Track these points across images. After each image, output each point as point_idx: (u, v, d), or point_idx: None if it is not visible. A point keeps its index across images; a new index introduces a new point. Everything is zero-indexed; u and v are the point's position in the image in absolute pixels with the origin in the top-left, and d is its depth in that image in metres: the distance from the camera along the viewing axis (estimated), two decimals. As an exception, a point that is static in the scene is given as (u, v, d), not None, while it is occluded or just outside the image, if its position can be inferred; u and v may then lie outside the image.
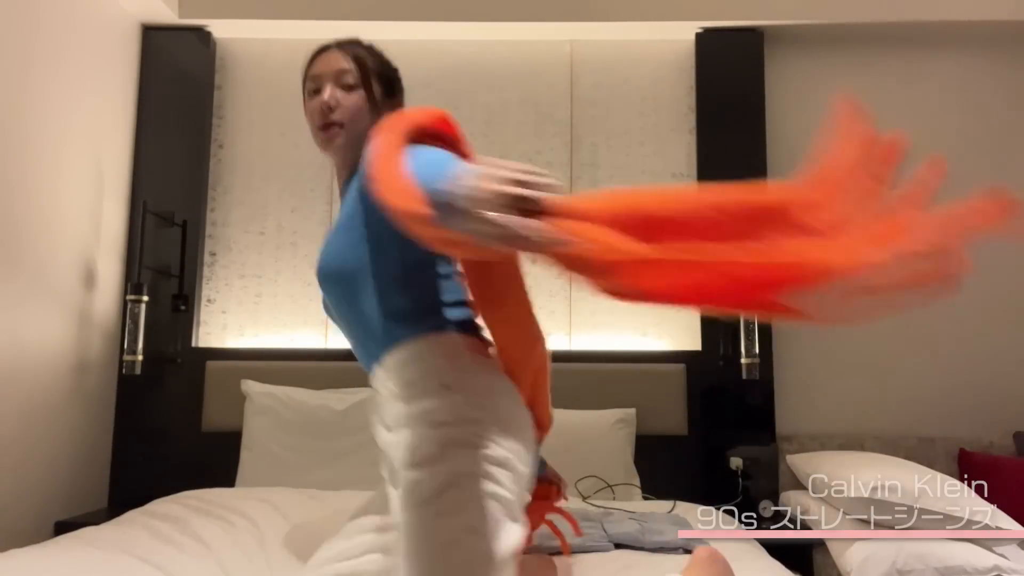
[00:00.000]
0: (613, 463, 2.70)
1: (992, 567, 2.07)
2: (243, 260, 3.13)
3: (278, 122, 3.16)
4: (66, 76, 2.64)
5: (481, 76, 3.20)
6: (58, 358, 2.61)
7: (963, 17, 3.02)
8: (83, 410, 2.77)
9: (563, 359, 2.97)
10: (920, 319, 3.06)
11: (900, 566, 2.08)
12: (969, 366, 3.03)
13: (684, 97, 3.16)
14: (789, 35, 3.17)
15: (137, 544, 1.83)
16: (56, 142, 2.58)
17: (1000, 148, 3.15)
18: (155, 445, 2.91)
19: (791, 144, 3.15)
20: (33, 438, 2.48)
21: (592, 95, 3.19)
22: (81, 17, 2.73)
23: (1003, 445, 2.93)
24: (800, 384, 3.03)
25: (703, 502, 2.49)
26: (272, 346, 3.05)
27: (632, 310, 3.07)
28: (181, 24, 3.11)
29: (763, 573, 1.78)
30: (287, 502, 2.23)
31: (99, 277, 2.85)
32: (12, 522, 2.35)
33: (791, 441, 2.95)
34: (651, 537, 1.99)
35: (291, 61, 3.23)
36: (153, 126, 3.10)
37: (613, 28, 3.12)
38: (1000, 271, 3.08)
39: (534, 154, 3.15)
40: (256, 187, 3.16)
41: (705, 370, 2.96)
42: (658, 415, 2.91)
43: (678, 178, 3.12)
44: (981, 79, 3.19)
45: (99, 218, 2.85)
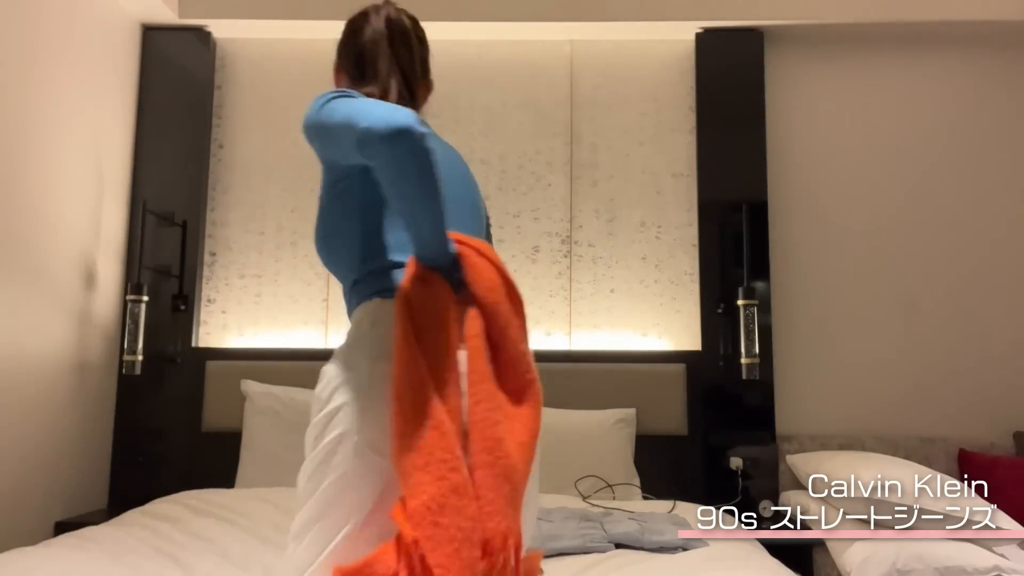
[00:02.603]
0: (613, 463, 2.71)
1: (992, 567, 2.07)
2: (243, 260, 3.13)
3: (278, 122, 3.16)
4: (66, 76, 2.64)
5: (481, 76, 3.20)
6: (58, 358, 2.61)
7: (963, 17, 3.02)
8: (83, 410, 2.76)
9: (563, 359, 2.98)
10: (920, 319, 3.06)
11: (900, 566, 2.09)
12: (969, 366, 3.03)
13: (684, 97, 3.16)
14: (789, 35, 3.17)
15: (137, 544, 1.83)
16: (56, 142, 2.58)
17: (1000, 148, 3.15)
18: (155, 445, 2.91)
19: (791, 144, 3.16)
20: (33, 438, 2.48)
21: (592, 95, 3.19)
22: (81, 17, 2.73)
23: (1003, 445, 2.94)
24: (800, 384, 3.03)
25: (703, 502, 2.49)
26: (272, 346, 3.05)
27: (632, 310, 3.08)
28: (181, 24, 3.11)
29: (763, 573, 1.78)
30: (287, 502, 2.23)
31: (99, 277, 2.85)
32: (12, 522, 2.35)
33: (791, 441, 2.95)
34: (651, 537, 1.99)
35: (291, 61, 3.24)
36: (153, 126, 3.10)
37: (613, 28, 3.12)
38: (1000, 271, 3.08)
39: (534, 154, 3.16)
40: (256, 187, 3.16)
41: (705, 370, 2.96)
42: (658, 415, 2.91)
43: (678, 178, 3.12)
44: (981, 79, 3.19)
45: (99, 218, 2.85)
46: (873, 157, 3.16)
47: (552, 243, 3.12)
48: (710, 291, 3.00)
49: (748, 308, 2.83)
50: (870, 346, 3.06)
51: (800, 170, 3.15)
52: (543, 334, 3.06)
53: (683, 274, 3.08)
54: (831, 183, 3.16)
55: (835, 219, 3.14)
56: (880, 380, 3.04)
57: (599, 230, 3.12)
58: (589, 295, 3.09)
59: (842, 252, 3.12)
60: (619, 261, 3.10)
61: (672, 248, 3.10)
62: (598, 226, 3.12)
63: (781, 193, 3.11)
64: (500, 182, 3.14)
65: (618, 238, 3.11)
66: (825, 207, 3.15)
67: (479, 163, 3.15)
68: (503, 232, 3.11)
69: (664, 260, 3.09)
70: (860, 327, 3.08)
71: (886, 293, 3.09)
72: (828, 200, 3.15)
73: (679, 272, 3.08)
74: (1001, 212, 3.11)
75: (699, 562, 1.85)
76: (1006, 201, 3.12)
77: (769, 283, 3.00)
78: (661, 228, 3.11)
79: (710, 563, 1.83)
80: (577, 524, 2.10)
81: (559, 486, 2.58)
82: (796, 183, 3.14)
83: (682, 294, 3.07)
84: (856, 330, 3.08)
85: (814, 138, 3.18)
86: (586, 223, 3.12)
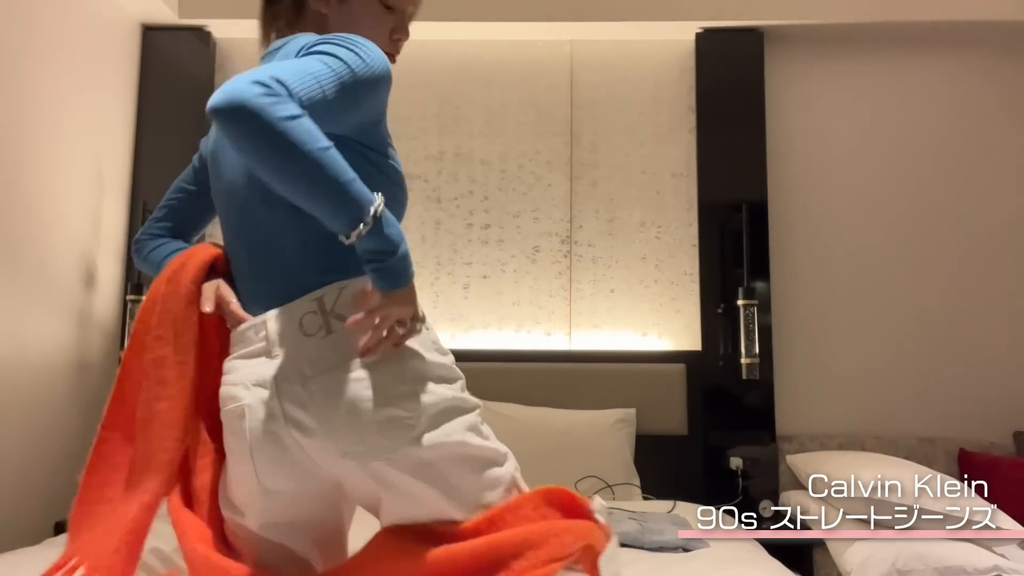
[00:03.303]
0: (613, 463, 2.70)
1: (992, 567, 2.07)
2: (243, 260, 3.12)
3: (278, 122, 3.16)
4: (66, 76, 2.64)
5: (481, 76, 3.20)
6: (58, 358, 2.61)
7: (963, 17, 3.02)
8: (83, 410, 2.76)
9: (563, 359, 2.98)
10: (920, 319, 3.06)
11: (900, 566, 2.08)
12: (969, 366, 3.03)
13: (684, 97, 3.16)
14: (789, 35, 3.17)
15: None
16: (56, 142, 2.58)
17: (1000, 148, 3.14)
18: (155, 445, 2.91)
19: (791, 144, 3.16)
20: (33, 438, 2.48)
21: (592, 95, 3.19)
22: (81, 17, 2.73)
23: (1003, 445, 2.93)
24: (800, 384, 3.03)
25: (703, 502, 2.48)
26: (272, 346, 3.04)
27: (632, 310, 3.08)
28: (181, 24, 3.10)
29: (763, 573, 1.78)
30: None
31: (99, 277, 2.85)
32: (12, 522, 2.35)
33: (791, 441, 2.95)
34: (651, 537, 1.99)
35: (291, 61, 3.24)
36: (153, 126, 3.10)
37: (613, 28, 3.12)
38: (1000, 271, 3.08)
39: (534, 154, 3.16)
40: (256, 187, 3.15)
41: (705, 370, 2.95)
42: (658, 415, 2.91)
43: (678, 178, 3.12)
44: (981, 79, 3.18)
45: (99, 218, 2.85)
46: (873, 157, 3.15)
47: (552, 243, 3.12)
48: (710, 291, 3.00)
49: (748, 308, 2.83)
50: (870, 346, 3.06)
51: (800, 170, 3.15)
52: (543, 334, 3.06)
53: (683, 274, 3.08)
54: (831, 183, 3.16)
55: (835, 219, 3.14)
56: (880, 380, 3.04)
57: (599, 230, 3.12)
58: (589, 295, 3.09)
59: (842, 252, 3.12)
60: (619, 261, 3.10)
61: (672, 248, 3.10)
62: (598, 226, 3.12)
63: (781, 193, 3.11)
64: (500, 182, 3.14)
65: (618, 238, 3.11)
66: (825, 207, 3.15)
67: (479, 163, 3.15)
68: (503, 232, 3.11)
69: (664, 260, 3.09)
70: (860, 327, 3.08)
71: (886, 293, 3.09)
72: (828, 200, 3.15)
73: (679, 272, 3.08)
74: (1001, 211, 3.11)
75: (699, 562, 1.85)
76: (1006, 200, 3.12)
77: (769, 283, 3.00)
78: (661, 228, 3.11)
79: (710, 563, 1.83)
80: (577, 524, 2.10)
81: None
82: (796, 183, 3.14)
83: (682, 294, 3.07)
84: (856, 330, 3.08)
85: (814, 138, 3.18)
86: (586, 223, 3.12)
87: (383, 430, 0.95)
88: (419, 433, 0.96)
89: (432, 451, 0.97)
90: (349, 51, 0.95)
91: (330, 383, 0.96)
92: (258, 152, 0.84)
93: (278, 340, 1.00)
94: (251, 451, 0.98)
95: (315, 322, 0.99)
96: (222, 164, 1.10)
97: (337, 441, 0.96)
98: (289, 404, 0.97)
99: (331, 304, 0.99)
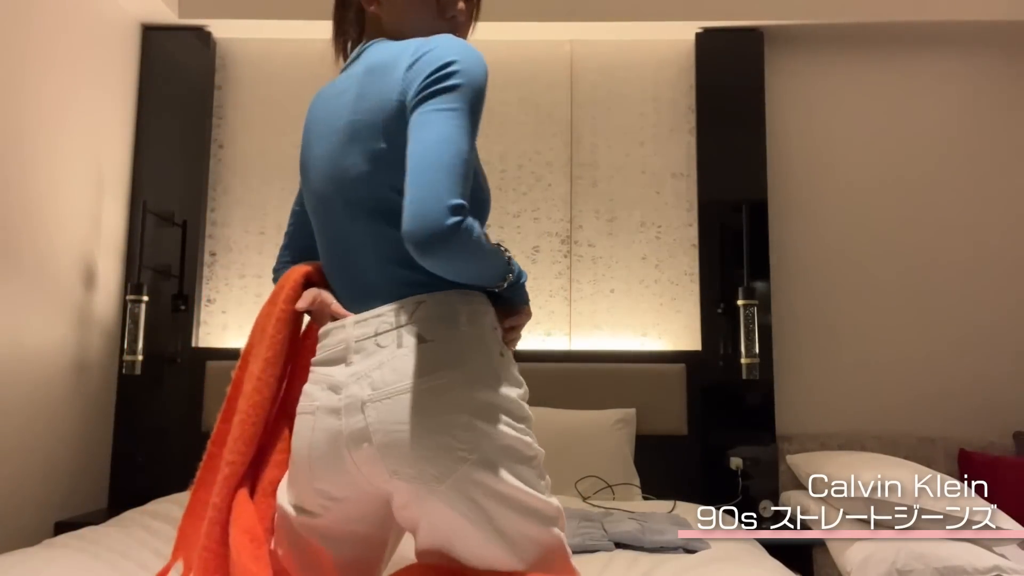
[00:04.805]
0: (613, 463, 2.70)
1: (992, 567, 2.07)
2: (243, 260, 3.13)
3: (278, 122, 3.16)
4: (66, 76, 2.64)
5: (481, 76, 3.20)
6: (58, 358, 2.61)
7: (963, 17, 3.02)
8: (83, 410, 2.76)
9: (563, 359, 2.98)
10: (920, 319, 3.06)
11: (900, 566, 2.08)
12: (969, 366, 3.03)
13: (684, 97, 3.16)
14: (789, 35, 3.17)
15: (137, 544, 1.83)
16: (56, 142, 2.58)
17: (1000, 148, 3.15)
18: (155, 445, 2.91)
19: (791, 144, 3.16)
20: (33, 438, 2.48)
21: (592, 95, 3.19)
22: (81, 17, 2.73)
23: (1003, 445, 2.93)
24: (800, 384, 3.03)
25: (703, 502, 2.49)
26: (272, 346, 3.04)
27: (632, 310, 3.08)
28: (181, 24, 3.10)
29: (763, 573, 1.78)
30: (287, 502, 2.23)
31: (99, 277, 2.85)
32: (12, 522, 2.35)
33: (791, 441, 2.95)
34: (651, 537, 1.99)
35: (291, 61, 3.24)
36: (153, 126, 3.10)
37: (613, 28, 3.12)
38: (1000, 271, 3.08)
39: (534, 154, 3.16)
40: (256, 187, 3.15)
41: (705, 370, 2.95)
42: (658, 415, 2.91)
43: (678, 178, 3.12)
44: (981, 79, 3.19)
45: (99, 218, 2.85)
46: (873, 157, 3.16)
47: (552, 243, 3.12)
48: (710, 291, 3.00)
49: (748, 308, 2.83)
50: (870, 346, 3.06)
51: (800, 170, 3.15)
52: (543, 334, 3.06)
53: (683, 274, 3.08)
54: (831, 183, 3.16)
55: (835, 219, 3.14)
56: (880, 380, 3.04)
57: (599, 230, 3.12)
58: (589, 295, 3.09)
59: (842, 252, 3.12)
60: (619, 261, 3.10)
61: (672, 248, 3.10)
62: (598, 226, 3.12)
63: (781, 193, 3.11)
64: (500, 182, 3.14)
65: (618, 238, 3.11)
66: (825, 206, 3.15)
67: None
68: (503, 232, 3.11)
69: (664, 260, 3.09)
70: (860, 327, 3.08)
71: (886, 293, 3.09)
72: (828, 199, 3.15)
73: (679, 272, 3.08)
74: (1001, 211, 3.11)
75: (699, 562, 1.85)
76: (1006, 200, 3.12)
77: (769, 283, 3.00)
78: (661, 228, 3.11)
79: (710, 563, 1.83)
80: (577, 524, 2.10)
81: (559, 486, 2.58)
82: (796, 183, 3.14)
83: (682, 294, 3.07)
84: (856, 330, 3.08)
85: (814, 138, 3.18)
86: (586, 223, 3.12)
87: (432, 457, 0.94)
88: (471, 467, 0.94)
89: (480, 488, 0.95)
90: (468, 89, 0.96)
91: (393, 401, 0.97)
92: (452, 272, 0.96)
93: (354, 348, 1.02)
94: (309, 453, 1.02)
95: (389, 335, 1.01)
96: (310, 174, 1.18)
97: (387, 460, 0.96)
98: (352, 416, 0.98)
99: (406, 318, 1.01)
